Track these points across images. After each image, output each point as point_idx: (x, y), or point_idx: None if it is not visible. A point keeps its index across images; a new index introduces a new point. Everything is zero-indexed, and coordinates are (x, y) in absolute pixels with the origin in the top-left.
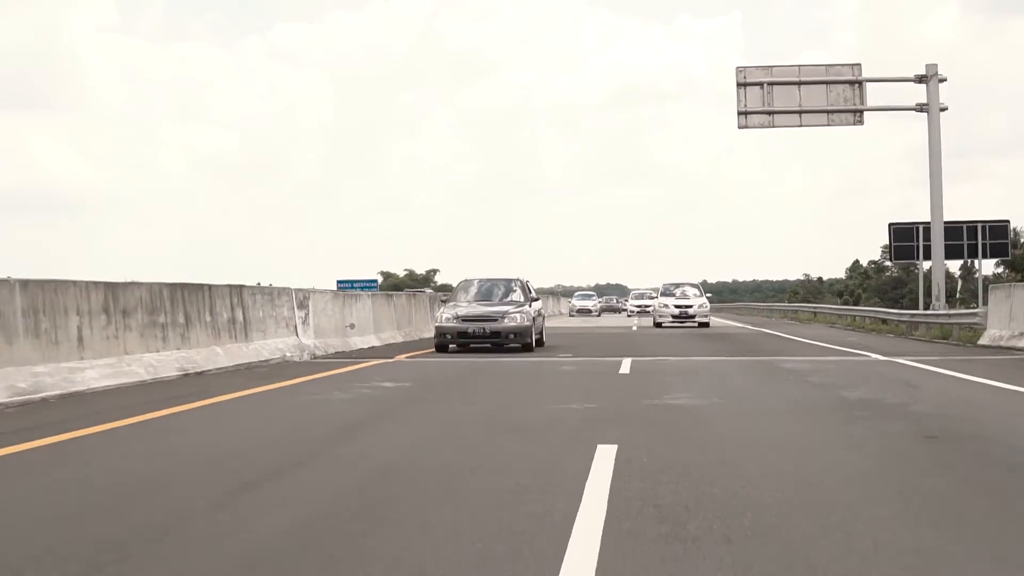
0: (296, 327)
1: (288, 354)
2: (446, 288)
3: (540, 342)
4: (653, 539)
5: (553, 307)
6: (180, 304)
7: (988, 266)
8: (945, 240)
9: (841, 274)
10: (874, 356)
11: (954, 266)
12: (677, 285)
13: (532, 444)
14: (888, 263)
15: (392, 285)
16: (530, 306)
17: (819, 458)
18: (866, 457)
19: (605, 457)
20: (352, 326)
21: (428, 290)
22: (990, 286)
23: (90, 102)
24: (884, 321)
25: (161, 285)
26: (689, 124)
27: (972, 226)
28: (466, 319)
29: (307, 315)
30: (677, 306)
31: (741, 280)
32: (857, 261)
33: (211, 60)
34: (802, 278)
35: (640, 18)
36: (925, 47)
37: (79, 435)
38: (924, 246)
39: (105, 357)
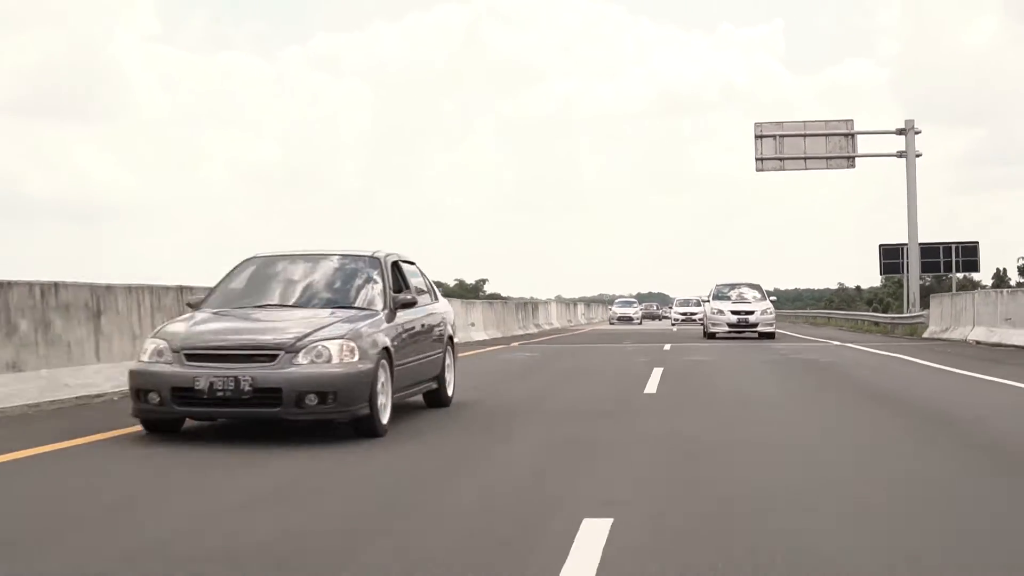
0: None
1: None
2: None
3: (440, 399)
4: (674, 381)
5: (602, 314)
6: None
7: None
8: (924, 258)
9: (877, 282)
10: (835, 343)
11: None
12: (732, 286)
13: (624, 372)
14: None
15: (444, 295)
16: (391, 317)
17: (751, 370)
18: (774, 370)
19: (657, 371)
20: (473, 324)
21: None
22: (931, 295)
23: (133, 112)
24: (876, 323)
25: None
26: (730, 132)
27: (947, 246)
28: (198, 353)
29: (549, 311)
30: (735, 312)
31: (783, 288)
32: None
33: (253, 70)
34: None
35: (681, 26)
36: (967, 54)
37: None
38: (908, 263)
39: None
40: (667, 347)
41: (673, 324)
